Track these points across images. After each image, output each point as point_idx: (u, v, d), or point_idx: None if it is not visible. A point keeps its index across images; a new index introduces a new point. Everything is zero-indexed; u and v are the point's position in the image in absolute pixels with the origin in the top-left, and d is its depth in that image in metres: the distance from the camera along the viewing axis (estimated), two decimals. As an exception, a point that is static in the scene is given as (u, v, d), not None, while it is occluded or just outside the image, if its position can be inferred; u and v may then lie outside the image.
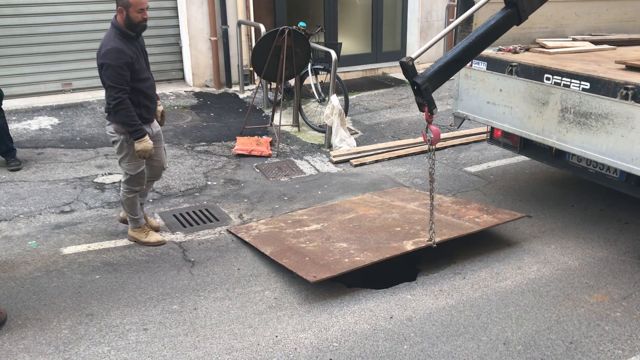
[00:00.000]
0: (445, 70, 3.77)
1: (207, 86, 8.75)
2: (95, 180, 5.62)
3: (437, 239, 4.00)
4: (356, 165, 6.18)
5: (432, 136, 3.73)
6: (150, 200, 5.24)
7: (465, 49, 3.83)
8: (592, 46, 5.19)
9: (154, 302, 3.72)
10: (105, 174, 5.77)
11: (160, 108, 4.49)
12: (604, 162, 4.08)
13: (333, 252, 4.04)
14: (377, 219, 4.64)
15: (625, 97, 3.77)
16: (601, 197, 5.25)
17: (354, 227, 4.51)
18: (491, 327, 3.47)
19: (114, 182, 5.57)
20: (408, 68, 3.58)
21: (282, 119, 7.24)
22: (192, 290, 3.86)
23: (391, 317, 3.57)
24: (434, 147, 3.82)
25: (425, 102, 3.65)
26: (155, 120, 4.37)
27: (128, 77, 3.94)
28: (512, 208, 5.10)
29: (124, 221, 4.68)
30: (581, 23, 5.64)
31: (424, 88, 3.60)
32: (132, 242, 4.48)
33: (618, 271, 4.08)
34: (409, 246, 3.99)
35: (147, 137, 4.08)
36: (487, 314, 3.61)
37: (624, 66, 4.32)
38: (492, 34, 3.93)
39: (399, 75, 10.08)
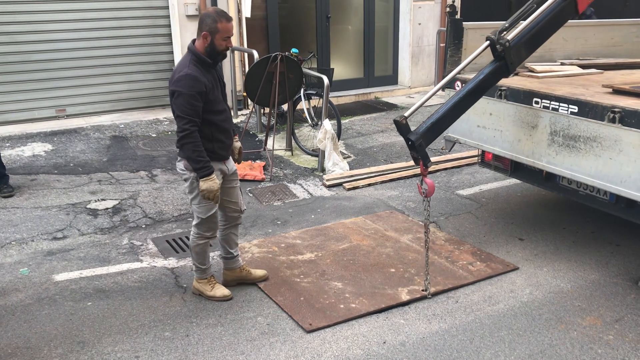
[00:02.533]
0: (438, 126, 3.93)
1: (201, 111, 8.78)
2: (88, 206, 5.62)
3: (432, 290, 4.07)
4: (349, 189, 6.20)
5: (427, 189, 3.85)
6: (143, 226, 5.24)
7: (456, 105, 4.01)
8: (580, 70, 5.27)
9: (146, 329, 3.70)
10: (98, 200, 5.76)
11: (237, 144, 4.06)
12: (593, 185, 4.12)
13: (328, 293, 4.06)
14: (372, 253, 4.66)
15: (613, 121, 3.82)
16: (592, 219, 5.28)
17: (348, 261, 4.53)
18: (484, 352, 3.47)
19: (106, 208, 5.57)
20: (402, 126, 3.74)
21: (276, 144, 7.28)
22: (185, 316, 3.84)
23: (384, 342, 3.56)
24: (428, 199, 3.92)
25: (420, 157, 3.80)
26: (230, 158, 4.00)
27: (200, 108, 3.59)
28: (504, 231, 5.12)
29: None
30: (569, 47, 5.73)
31: (418, 144, 3.76)
32: (124, 270, 4.47)
33: (610, 294, 4.09)
34: (404, 295, 4.04)
35: (213, 175, 3.65)
36: (480, 338, 3.60)
37: (610, 90, 4.38)
38: (481, 87, 4.09)
39: (391, 99, 10.19)
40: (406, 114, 3.78)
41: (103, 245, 4.87)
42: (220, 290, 4.03)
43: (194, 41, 3.69)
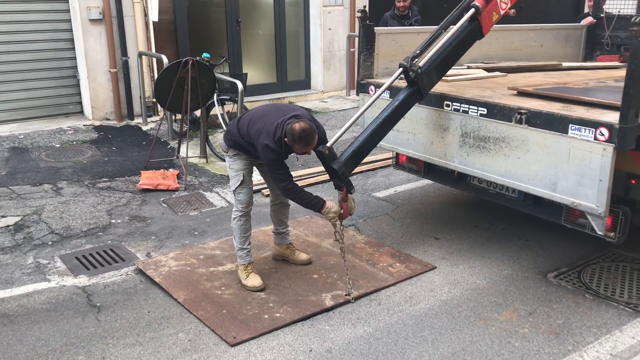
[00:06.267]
0: (359, 154, 4.10)
1: (108, 119, 8.42)
2: (-14, 224, 5.22)
3: (355, 293, 4.09)
4: (267, 195, 6.12)
5: (342, 212, 4.04)
6: (50, 243, 4.92)
7: (375, 131, 4.17)
8: (486, 73, 5.49)
9: (57, 355, 3.46)
10: (-3, 217, 5.37)
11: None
12: (503, 183, 4.30)
13: (251, 303, 3.98)
14: None
15: (520, 122, 4.00)
16: (502, 216, 5.51)
17: (271, 269, 4.48)
18: (409, 353, 3.51)
19: (7, 226, 5.18)
20: (325, 156, 3.89)
21: (189, 151, 7.08)
22: (100, 338, 3.63)
23: (310, 351, 3.53)
24: (341, 221, 4.12)
25: (344, 184, 3.97)
26: None
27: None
28: (420, 231, 5.24)
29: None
30: (474, 51, 5.90)
31: (341, 173, 3.92)
32: (29, 291, 4.17)
33: (523, 288, 4.27)
34: (328, 301, 4.03)
35: (327, 204, 4.00)
36: (404, 339, 3.64)
37: (515, 92, 4.59)
38: (398, 113, 4.26)
39: (305, 104, 10.20)
40: (328, 144, 3.91)
41: (5, 266, 4.52)
42: (252, 281, 4.16)
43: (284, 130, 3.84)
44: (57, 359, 3.42)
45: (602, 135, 3.56)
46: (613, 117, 3.61)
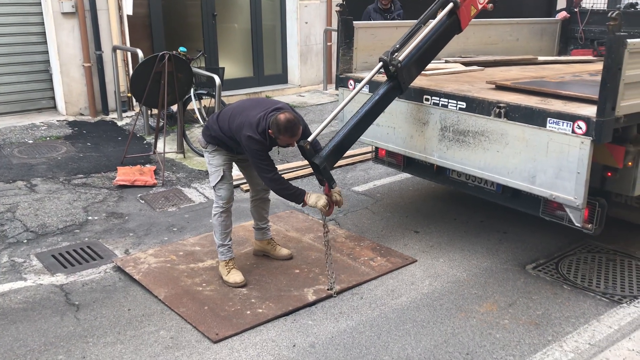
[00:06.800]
0: (340, 149, 4.12)
1: (82, 114, 8.28)
2: (-42, 222, 5.09)
3: (337, 288, 4.10)
4: (247, 190, 6.09)
5: (328, 208, 4.02)
6: (25, 241, 4.82)
7: (355, 126, 4.17)
8: (463, 67, 5.52)
9: (36, 355, 3.40)
10: (-31, 215, 5.24)
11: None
12: (482, 177, 4.33)
13: (233, 299, 3.95)
14: None
15: (499, 115, 4.03)
16: (480, 209, 5.56)
17: (252, 265, 4.46)
18: (392, 346, 3.53)
19: (-20, 224, 5.08)
20: (306, 150, 3.92)
21: (166, 146, 6.99)
22: (79, 337, 3.57)
23: (294, 346, 3.52)
24: (325, 217, 4.10)
25: (325, 179, 3.98)
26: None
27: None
28: (400, 225, 5.27)
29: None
30: (452, 45, 5.91)
31: (322, 167, 3.93)
32: (5, 290, 4.08)
33: (502, 279, 4.32)
34: (310, 296, 4.02)
35: (309, 194, 4.00)
36: (386, 332, 3.66)
37: (494, 86, 4.63)
38: (378, 107, 4.27)
39: (282, 98, 10.15)
40: (309, 139, 3.92)
41: (-21, 265, 4.43)
42: (233, 277, 4.12)
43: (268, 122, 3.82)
44: (36, 359, 3.36)
45: (580, 128, 3.61)
46: (590, 110, 3.66)
